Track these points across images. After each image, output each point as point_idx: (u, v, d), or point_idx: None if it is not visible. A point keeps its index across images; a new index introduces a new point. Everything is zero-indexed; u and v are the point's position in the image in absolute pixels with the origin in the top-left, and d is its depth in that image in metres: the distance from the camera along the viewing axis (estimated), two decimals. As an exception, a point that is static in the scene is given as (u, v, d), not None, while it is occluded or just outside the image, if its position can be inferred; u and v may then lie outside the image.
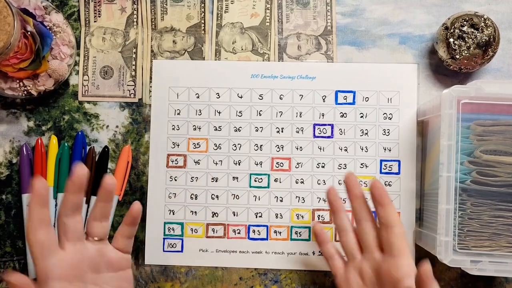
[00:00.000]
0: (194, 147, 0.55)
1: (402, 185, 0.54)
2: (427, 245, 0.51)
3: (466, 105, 0.46)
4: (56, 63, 0.52)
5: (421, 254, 0.55)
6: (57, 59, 0.52)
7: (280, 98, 0.55)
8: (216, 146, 0.55)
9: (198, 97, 0.55)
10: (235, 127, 0.55)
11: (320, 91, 0.55)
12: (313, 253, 0.54)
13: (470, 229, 0.47)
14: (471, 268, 0.45)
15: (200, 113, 0.55)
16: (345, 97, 0.54)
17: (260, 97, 0.55)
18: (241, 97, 0.55)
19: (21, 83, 0.51)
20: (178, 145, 0.55)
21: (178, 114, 0.55)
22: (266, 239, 0.54)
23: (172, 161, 0.55)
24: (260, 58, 0.56)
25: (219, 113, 0.55)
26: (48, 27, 0.51)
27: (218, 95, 0.55)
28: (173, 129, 0.55)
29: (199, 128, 0.55)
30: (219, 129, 0.55)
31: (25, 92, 0.52)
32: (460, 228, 0.47)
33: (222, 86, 0.55)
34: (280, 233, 0.54)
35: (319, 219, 0.54)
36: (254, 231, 0.54)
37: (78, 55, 0.56)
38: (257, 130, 0.55)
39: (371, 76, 0.54)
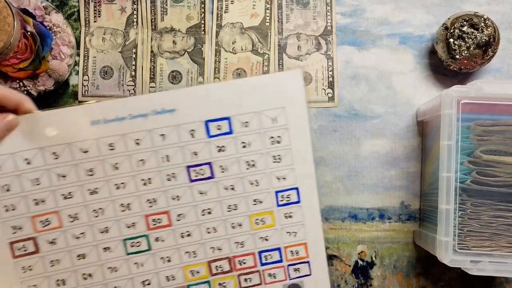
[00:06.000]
0: (43, 225, 0.44)
1: (304, 213, 0.47)
2: (427, 245, 0.51)
3: (466, 105, 0.46)
4: (56, 63, 0.52)
5: (421, 254, 0.55)
6: (57, 59, 0.52)
7: (136, 143, 0.44)
8: (71, 217, 0.44)
9: (29, 163, 0.43)
10: (89, 189, 0.44)
11: (185, 125, 0.44)
12: None
13: (470, 229, 0.47)
14: (471, 268, 0.45)
15: (38, 183, 0.44)
16: (218, 127, 0.45)
17: (111, 147, 0.44)
18: (86, 152, 0.44)
19: (21, 83, 0.51)
20: (20, 228, 0.44)
21: (8, 190, 0.43)
22: None
23: (19, 249, 0.44)
24: (260, 58, 0.56)
25: (64, 177, 0.44)
26: (48, 27, 0.51)
27: (56, 155, 0.43)
28: (7, 210, 0.44)
29: (43, 201, 0.44)
30: (70, 196, 0.44)
31: (25, 92, 0.52)
32: (460, 228, 0.47)
33: (57, 143, 0.43)
34: None
35: (217, 270, 0.47)
36: None
37: (78, 55, 0.56)
38: (118, 188, 0.44)
39: (246, 95, 0.45)
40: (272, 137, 0.45)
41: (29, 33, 0.48)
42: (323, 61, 0.56)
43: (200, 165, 0.45)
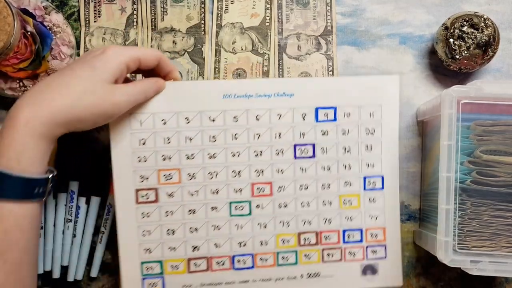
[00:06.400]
0: (166, 179, 0.50)
1: (386, 200, 0.52)
2: (427, 245, 0.51)
3: (466, 105, 0.46)
4: (56, 63, 0.52)
5: (421, 254, 0.55)
6: (57, 59, 0.52)
7: (256, 119, 0.50)
8: (190, 176, 0.50)
9: (164, 123, 0.49)
10: (209, 153, 0.50)
11: (300, 109, 0.51)
12: (301, 276, 0.52)
13: (470, 229, 0.47)
14: (471, 268, 0.45)
15: (169, 141, 0.50)
16: (325, 114, 0.51)
17: (235, 120, 0.50)
18: (213, 120, 0.50)
19: (21, 83, 0.51)
20: (147, 179, 0.50)
21: (144, 144, 0.49)
22: (252, 267, 0.52)
23: (142, 196, 0.50)
24: (260, 58, 0.56)
25: (190, 139, 0.50)
26: (48, 27, 0.51)
27: (188, 120, 0.50)
28: (139, 161, 0.49)
29: (169, 158, 0.50)
30: (192, 157, 0.50)
31: (25, 92, 0.52)
32: (460, 228, 0.47)
33: (191, 109, 0.50)
34: (266, 260, 0.52)
35: (305, 242, 0.52)
36: (239, 261, 0.51)
37: (78, 55, 0.56)
38: (233, 156, 0.50)
39: (352, 90, 0.51)
40: (367, 129, 0.51)
41: (29, 33, 0.48)
42: (323, 61, 0.56)
43: (306, 145, 0.51)
